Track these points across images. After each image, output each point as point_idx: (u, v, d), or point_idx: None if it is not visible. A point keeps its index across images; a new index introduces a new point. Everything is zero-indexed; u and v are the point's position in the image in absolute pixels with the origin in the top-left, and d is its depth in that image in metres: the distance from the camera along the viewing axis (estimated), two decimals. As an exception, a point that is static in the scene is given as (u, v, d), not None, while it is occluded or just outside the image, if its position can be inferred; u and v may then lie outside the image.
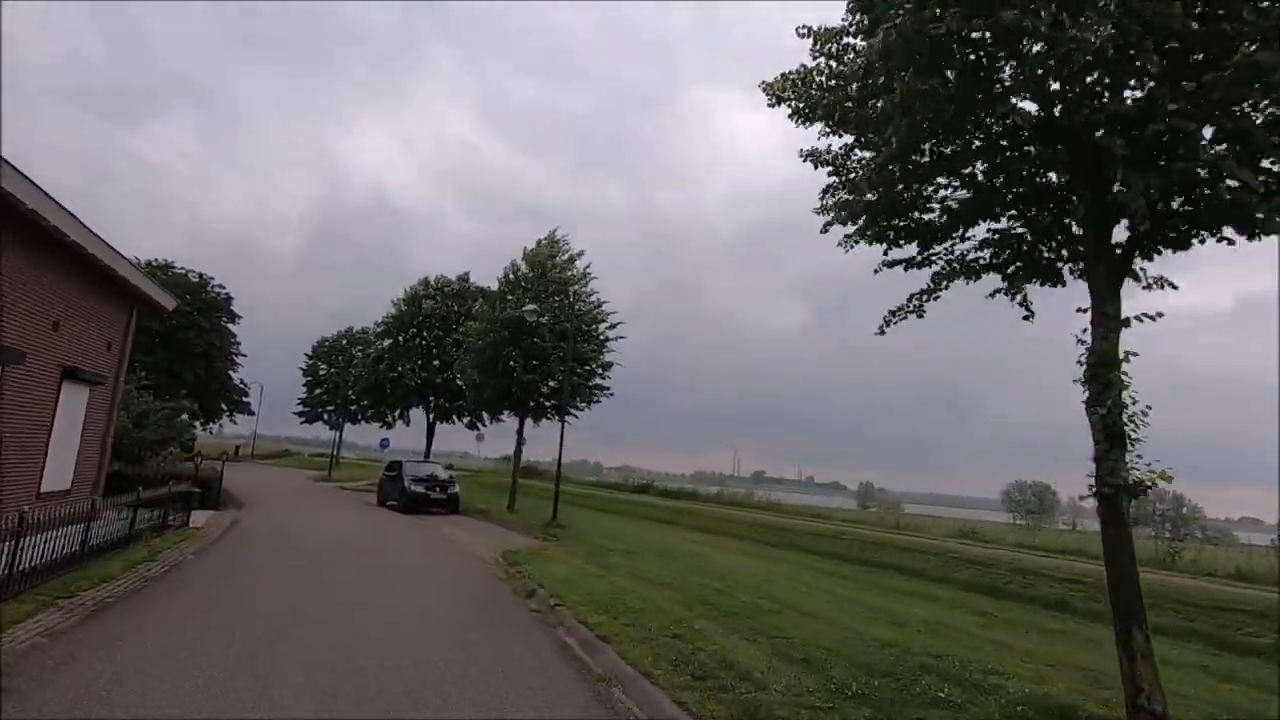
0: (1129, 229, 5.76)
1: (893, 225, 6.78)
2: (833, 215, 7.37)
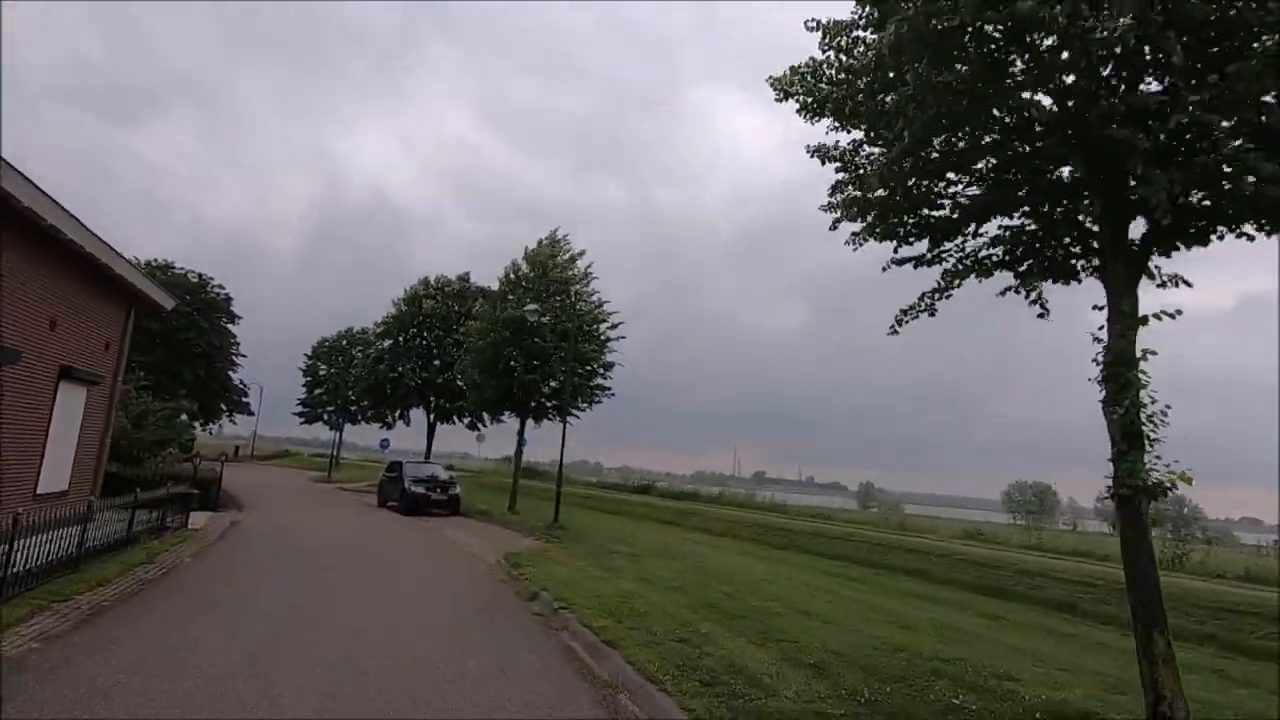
0: (1145, 225, 5.67)
1: (903, 222, 6.67)
2: (841, 212, 7.27)
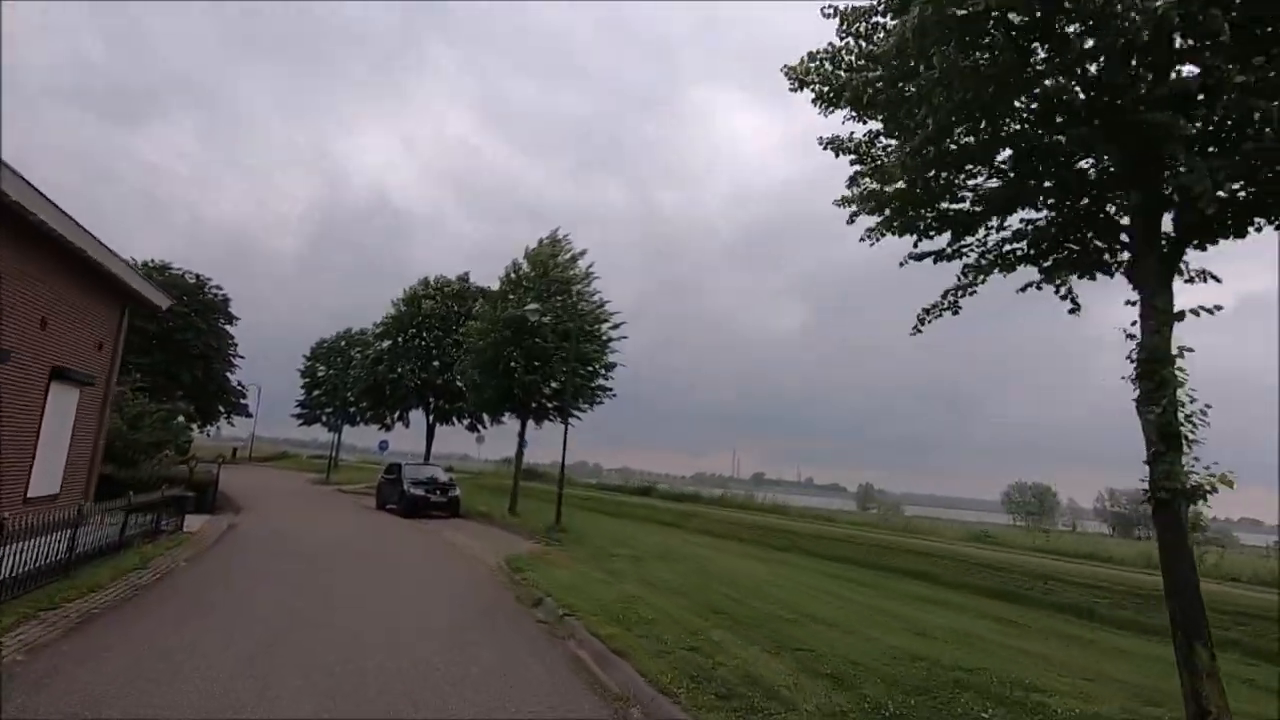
0: (1175, 218, 5.45)
1: (922, 215, 6.45)
2: (858, 206, 7.05)
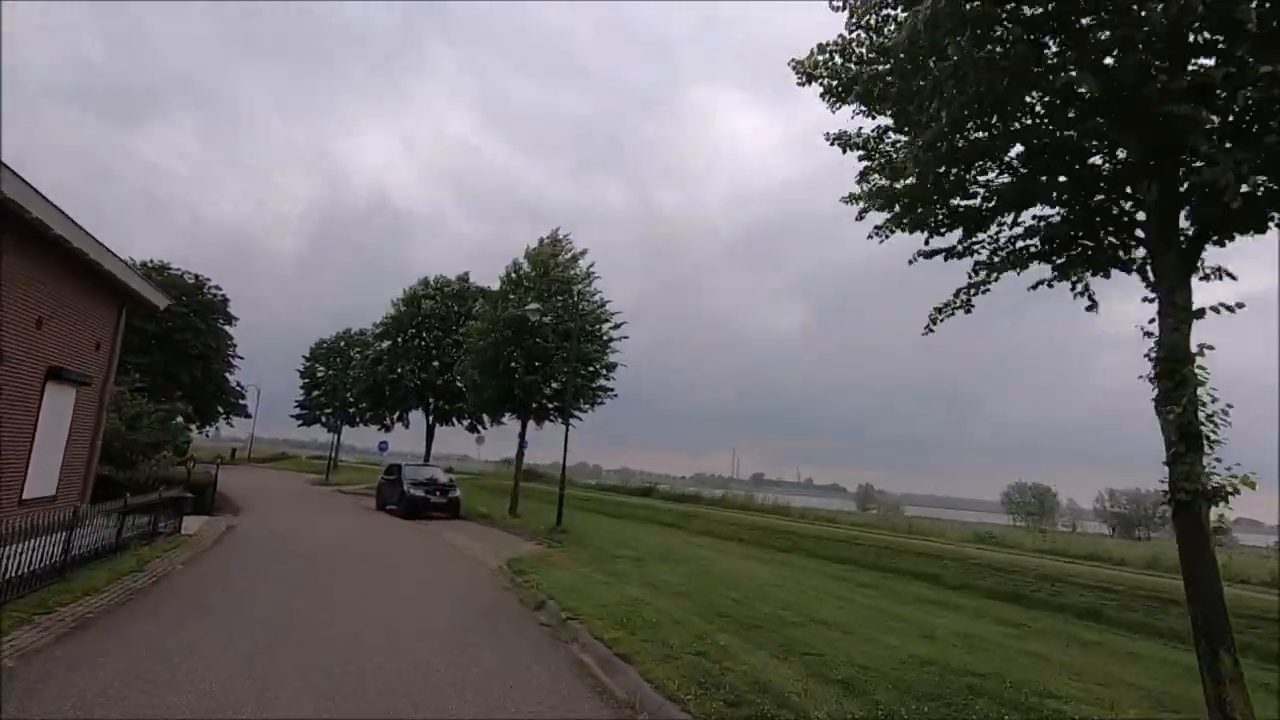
0: (1191, 213, 5.34)
1: (933, 211, 6.33)
2: (867, 202, 6.93)
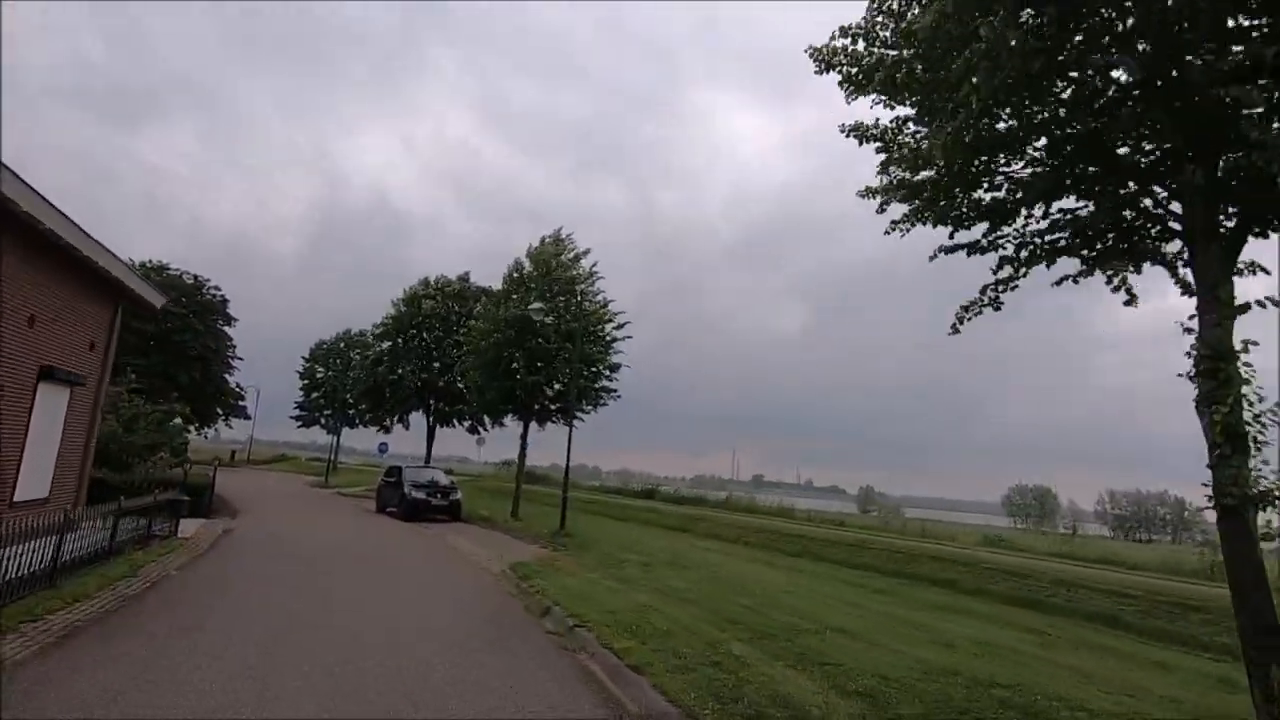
0: (1233, 202, 5.10)
1: (957, 204, 6.09)
2: (885, 196, 6.69)
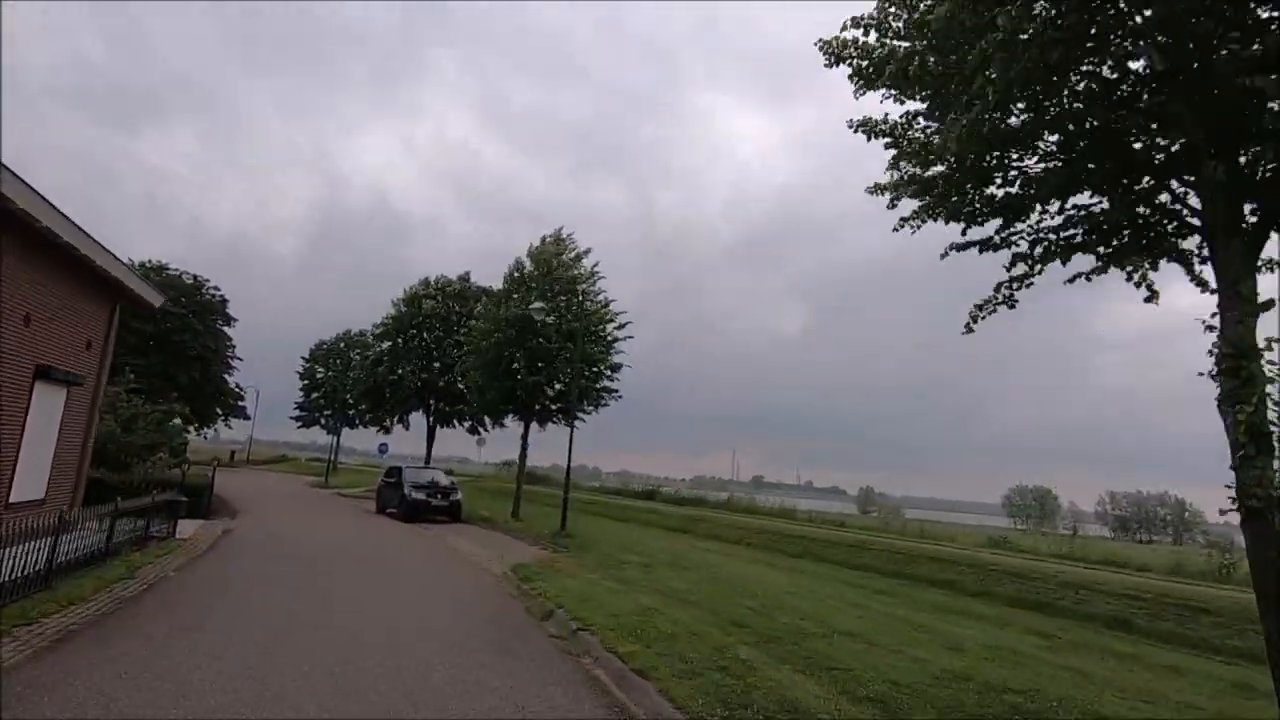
0: (1256, 197, 4.99)
1: (970, 199, 5.97)
2: (895, 192, 6.58)
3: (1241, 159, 4.86)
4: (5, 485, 9.44)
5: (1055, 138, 5.73)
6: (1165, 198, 5.58)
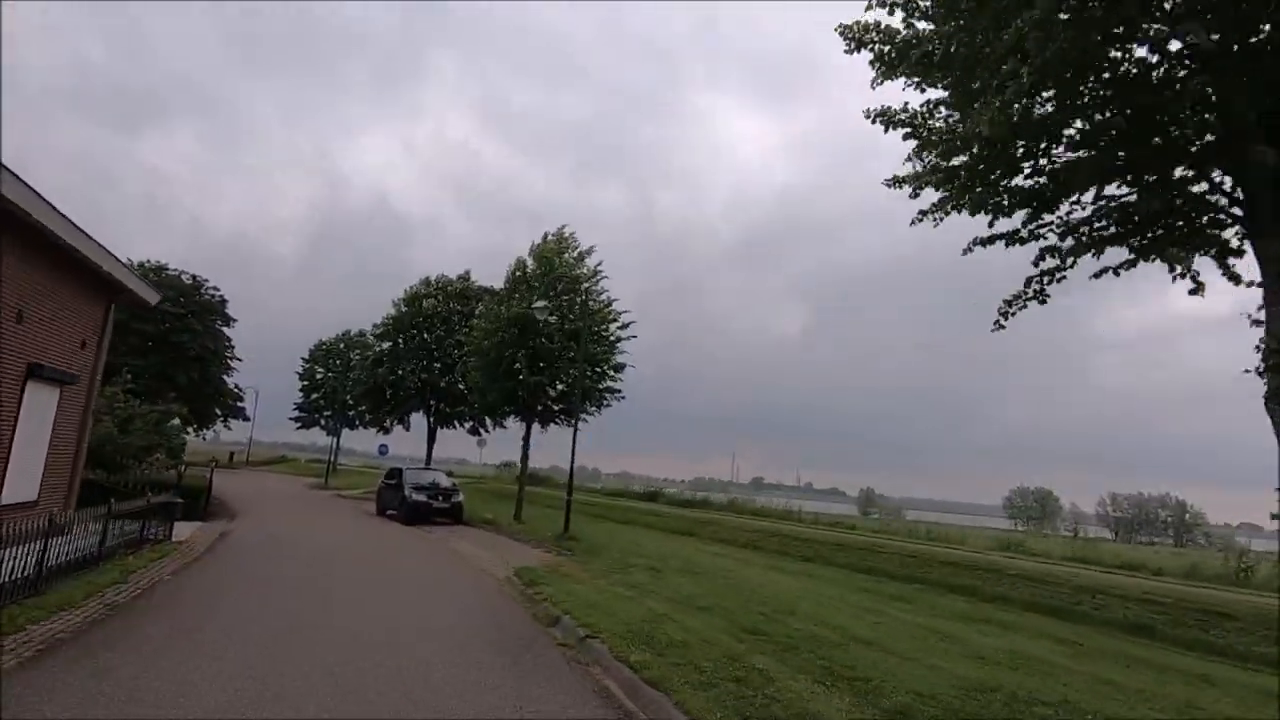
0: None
1: (997, 189, 5.74)
2: (916, 184, 6.34)
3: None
4: (-4, 487, 9.19)
5: (1084, 126, 5.50)
6: (1203, 186, 5.35)
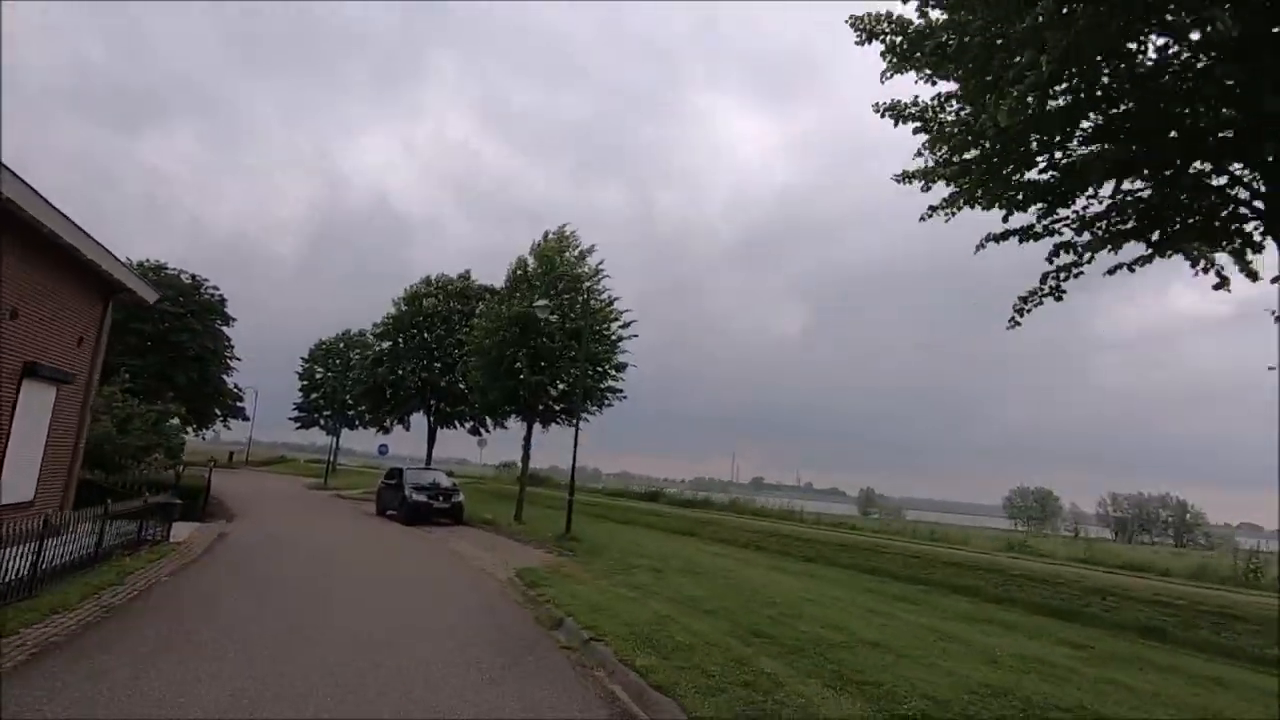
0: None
1: (1010, 184, 5.61)
2: (926, 179, 6.22)
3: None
4: (-9, 487, 9.07)
5: (1099, 119, 5.38)
6: (1223, 179, 5.23)
